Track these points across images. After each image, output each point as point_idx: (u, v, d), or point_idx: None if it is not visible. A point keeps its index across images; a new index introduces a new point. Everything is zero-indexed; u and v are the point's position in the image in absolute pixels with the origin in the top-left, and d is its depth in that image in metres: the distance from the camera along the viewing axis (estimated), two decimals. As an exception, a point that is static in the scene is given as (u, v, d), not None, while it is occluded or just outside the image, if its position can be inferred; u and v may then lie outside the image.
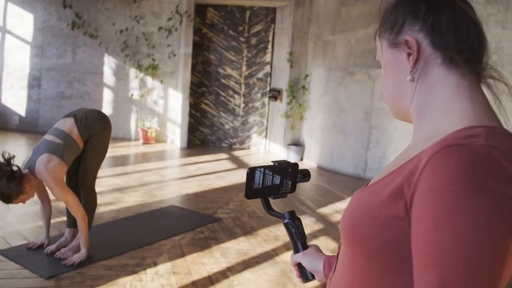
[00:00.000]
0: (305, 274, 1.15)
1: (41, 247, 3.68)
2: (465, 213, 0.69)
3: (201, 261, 3.63)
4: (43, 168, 3.29)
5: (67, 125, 3.53)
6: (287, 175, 1.15)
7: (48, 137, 3.49)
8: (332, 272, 0.98)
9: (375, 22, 0.97)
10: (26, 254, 3.55)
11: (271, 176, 1.12)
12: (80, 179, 3.65)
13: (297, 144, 8.13)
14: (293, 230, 1.15)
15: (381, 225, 0.80)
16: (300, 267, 1.15)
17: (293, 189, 1.17)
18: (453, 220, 0.69)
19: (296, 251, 1.15)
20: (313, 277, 1.15)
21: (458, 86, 0.83)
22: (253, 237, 4.22)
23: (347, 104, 7.07)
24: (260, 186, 1.10)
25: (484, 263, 0.68)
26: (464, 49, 0.83)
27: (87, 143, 3.60)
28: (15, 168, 3.33)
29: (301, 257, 1.14)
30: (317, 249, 1.16)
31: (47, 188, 3.62)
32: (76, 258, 3.43)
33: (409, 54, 0.86)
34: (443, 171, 0.71)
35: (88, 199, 3.70)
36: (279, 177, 1.13)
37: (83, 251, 3.47)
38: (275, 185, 1.13)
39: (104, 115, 3.73)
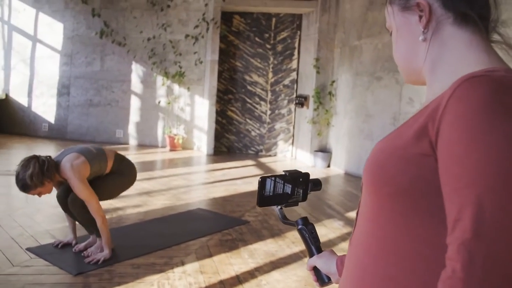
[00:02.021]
0: (321, 278, 1.16)
1: (68, 245, 3.69)
2: (496, 130, 0.70)
3: (228, 261, 3.60)
4: (68, 164, 3.33)
5: (107, 150, 3.69)
6: (298, 184, 1.19)
7: (84, 144, 3.64)
8: (352, 233, 1.00)
9: None
10: (55, 252, 3.57)
11: (282, 185, 1.16)
12: (72, 209, 3.53)
13: (324, 150, 8.06)
14: (307, 235, 1.18)
15: (407, 163, 0.80)
16: (316, 271, 1.16)
17: (304, 197, 1.21)
18: (484, 138, 0.70)
19: (311, 255, 1.17)
20: (330, 280, 1.15)
21: (470, 41, 0.86)
22: (281, 239, 4.16)
23: (374, 109, 6.99)
24: (271, 194, 1.14)
25: None
26: (474, 8, 0.87)
27: (104, 180, 3.62)
28: (49, 160, 3.35)
29: (316, 260, 1.15)
30: (331, 252, 1.17)
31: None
32: (100, 256, 3.43)
33: (420, 16, 0.90)
34: (469, 98, 0.73)
35: (80, 214, 3.54)
36: (290, 186, 1.17)
37: (106, 251, 3.47)
38: (286, 194, 1.17)
39: (135, 171, 3.82)
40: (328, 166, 7.91)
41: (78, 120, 9.06)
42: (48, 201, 4.93)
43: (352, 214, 5.08)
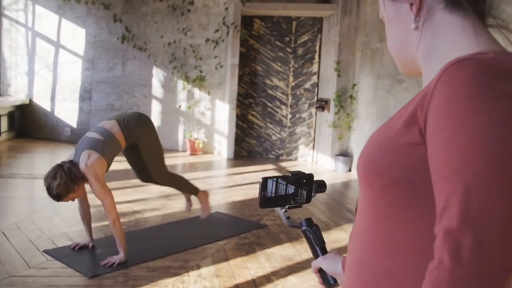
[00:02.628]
0: (327, 280, 1.12)
1: (85, 248, 3.69)
2: (482, 114, 0.67)
3: (245, 265, 3.55)
4: (83, 165, 3.35)
5: (109, 124, 3.62)
6: (302, 185, 1.16)
7: (89, 134, 3.58)
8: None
9: None
10: (71, 254, 3.57)
11: (284, 186, 1.13)
12: (156, 181, 3.94)
13: (345, 154, 7.97)
14: (311, 236, 1.16)
15: (398, 154, 0.79)
16: (321, 272, 1.13)
17: (308, 199, 1.18)
18: (470, 122, 0.68)
19: (316, 256, 1.15)
20: (335, 282, 1.11)
21: (463, 26, 0.83)
22: (299, 243, 4.10)
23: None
24: (272, 195, 1.11)
25: (508, 160, 0.66)
26: None
27: (138, 148, 3.70)
28: (73, 166, 3.37)
29: (321, 261, 1.12)
30: (337, 253, 1.14)
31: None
32: (115, 259, 3.41)
33: (411, 4, 0.87)
34: (454, 82, 0.70)
35: (176, 183, 4.11)
36: (293, 187, 1.14)
37: (121, 254, 3.44)
38: (289, 195, 1.14)
39: (144, 116, 3.80)
40: (349, 170, 7.81)
41: (100, 125, 9.12)
42: (68, 205, 4.95)
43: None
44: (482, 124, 0.67)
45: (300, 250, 3.91)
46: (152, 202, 5.21)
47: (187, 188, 4.21)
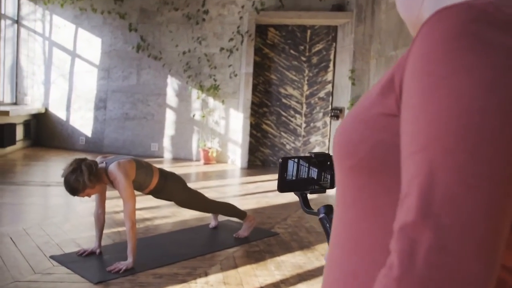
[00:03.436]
0: None
1: (93, 254, 3.65)
2: (462, 72, 0.50)
3: (254, 273, 3.47)
4: (116, 164, 3.43)
5: (154, 165, 3.85)
6: (326, 168, 1.04)
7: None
8: None
9: None
10: (77, 260, 3.53)
11: (306, 168, 1.02)
12: (208, 213, 4.35)
13: (360, 164, 7.85)
14: (328, 225, 1.07)
15: (369, 127, 0.64)
16: None
17: (332, 184, 1.07)
18: (445, 84, 0.51)
19: None
20: None
21: None
22: (310, 251, 4.01)
23: (412, 121, 6.77)
24: (293, 179, 1.00)
25: (490, 134, 0.49)
26: None
27: (174, 201, 3.99)
28: (95, 164, 3.44)
29: None
30: None
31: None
32: (122, 265, 3.36)
33: None
34: (435, 33, 0.53)
35: (223, 211, 4.23)
36: (316, 170, 1.03)
37: (129, 260, 3.39)
38: (312, 179, 1.03)
39: (182, 179, 4.02)
40: (365, 180, 7.69)
41: (115, 134, 9.15)
42: (78, 211, 4.94)
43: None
44: (459, 85, 0.50)
45: (311, 258, 3.82)
46: (162, 210, 5.17)
47: (235, 214, 4.27)
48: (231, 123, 8.83)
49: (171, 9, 8.79)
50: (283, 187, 1.01)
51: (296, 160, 1.00)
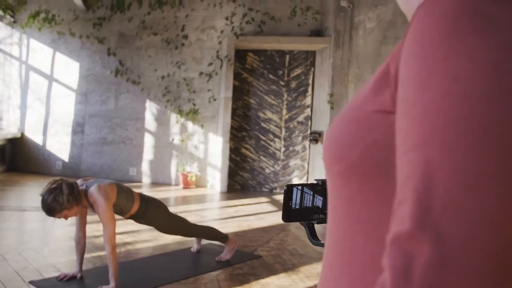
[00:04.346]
0: None
1: (73, 279, 3.56)
2: (461, 54, 0.43)
3: (239, 295, 3.43)
4: (96, 187, 3.37)
5: (134, 191, 3.79)
6: None
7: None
8: None
9: None
10: (58, 285, 3.44)
11: (311, 196, 0.94)
12: (190, 237, 4.28)
13: (339, 187, 7.89)
14: None
15: (361, 127, 0.56)
16: None
17: None
18: (441, 68, 0.43)
19: None
20: None
21: None
22: (295, 273, 3.98)
23: (390, 144, 6.85)
24: (297, 207, 0.93)
25: (496, 125, 0.41)
26: None
27: (155, 227, 3.93)
28: (76, 185, 3.37)
29: None
30: None
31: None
32: (106, 290, 3.28)
33: None
34: (431, 13, 0.46)
35: (204, 234, 4.19)
36: (322, 199, 0.95)
37: (112, 284, 3.32)
38: (317, 207, 0.95)
39: (159, 203, 3.95)
40: (344, 203, 7.72)
41: (92, 158, 9.04)
42: (56, 236, 4.83)
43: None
44: (459, 69, 0.42)
45: (296, 280, 3.79)
46: (143, 233, 5.09)
47: (217, 237, 4.24)
48: (210, 147, 8.82)
49: (150, 34, 8.82)
50: (287, 216, 0.93)
51: (300, 187, 0.93)
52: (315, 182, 0.95)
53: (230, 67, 8.42)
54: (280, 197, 8.25)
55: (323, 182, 0.94)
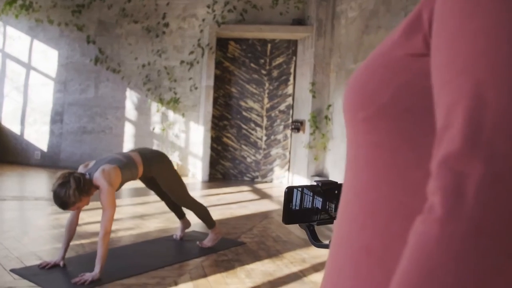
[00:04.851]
0: None
1: (55, 267, 3.51)
2: None
3: (224, 281, 3.42)
4: (101, 171, 3.39)
5: (132, 153, 3.82)
6: (332, 197, 0.96)
7: (112, 154, 3.75)
8: None
9: None
10: (40, 273, 3.39)
11: (310, 197, 0.94)
12: (183, 206, 4.19)
13: (321, 175, 7.92)
14: None
15: (390, 71, 0.55)
16: None
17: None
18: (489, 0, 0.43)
19: None
20: None
21: None
22: (279, 259, 3.99)
23: (372, 132, 6.89)
24: (297, 208, 0.93)
25: None
26: None
27: (159, 182, 3.95)
28: (83, 176, 3.36)
29: None
30: None
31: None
32: (88, 276, 3.24)
33: None
34: None
35: (198, 211, 4.18)
36: (321, 200, 0.95)
37: (96, 270, 3.29)
38: (316, 209, 0.95)
39: (165, 156, 4.04)
40: (326, 191, 7.75)
41: (71, 148, 8.93)
42: (36, 224, 4.77)
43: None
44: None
45: (280, 266, 3.80)
46: (126, 222, 5.05)
47: (207, 219, 4.24)
48: (192, 136, 8.77)
49: (131, 22, 8.71)
50: (288, 218, 0.92)
51: (300, 189, 0.93)
52: (315, 183, 0.95)
53: (211, 56, 8.37)
54: (262, 186, 8.26)
55: (323, 183, 0.94)
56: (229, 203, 6.42)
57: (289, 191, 0.91)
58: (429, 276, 0.40)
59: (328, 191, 0.95)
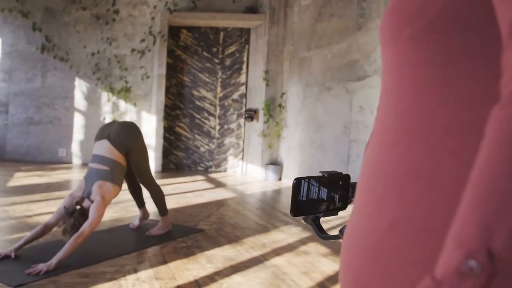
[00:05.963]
0: None
1: (8, 257, 3.37)
2: None
3: (185, 267, 3.37)
4: (97, 187, 3.54)
5: (106, 149, 3.76)
6: (337, 188, 0.96)
7: (93, 165, 3.74)
8: None
9: (350, 36, 0.74)
10: (-8, 264, 3.24)
11: (316, 188, 0.94)
12: (142, 184, 4.17)
13: (275, 163, 7.96)
14: None
15: None
16: None
17: (344, 205, 0.98)
18: None
19: None
20: None
21: None
22: (239, 244, 3.98)
23: (325, 120, 6.97)
24: (304, 199, 0.93)
25: None
26: None
27: (129, 155, 3.90)
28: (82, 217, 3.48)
29: None
30: None
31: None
32: (42, 267, 3.13)
33: None
34: None
35: (155, 192, 4.17)
36: (326, 190, 0.95)
37: (53, 261, 3.18)
38: (322, 200, 0.95)
39: (132, 126, 3.97)
40: (280, 179, 7.80)
41: (18, 140, 8.60)
42: (-15, 216, 4.57)
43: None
44: None
45: (240, 251, 3.78)
46: (79, 212, 4.90)
47: (161, 204, 4.24)
48: (144, 126, 8.61)
49: (79, 9, 8.45)
50: (296, 210, 0.91)
51: (307, 180, 0.93)
52: (320, 174, 0.94)
53: (163, 44, 8.23)
54: (216, 175, 8.22)
55: (330, 174, 0.94)
56: (184, 192, 6.36)
57: (298, 182, 0.90)
58: None
59: (333, 181, 0.95)
